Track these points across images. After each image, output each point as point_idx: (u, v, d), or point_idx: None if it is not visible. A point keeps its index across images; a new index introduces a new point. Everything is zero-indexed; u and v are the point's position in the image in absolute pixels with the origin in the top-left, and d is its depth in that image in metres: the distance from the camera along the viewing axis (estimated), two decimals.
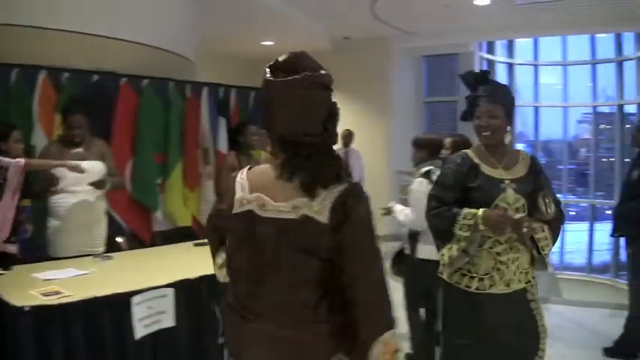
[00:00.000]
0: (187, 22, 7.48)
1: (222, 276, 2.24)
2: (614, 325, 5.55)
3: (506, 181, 3.13)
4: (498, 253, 3.10)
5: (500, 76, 11.31)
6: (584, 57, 11.15)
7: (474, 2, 7.89)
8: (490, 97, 3.15)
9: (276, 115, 1.96)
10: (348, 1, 8.08)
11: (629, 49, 10.10)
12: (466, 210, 3.06)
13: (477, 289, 3.12)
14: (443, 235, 3.15)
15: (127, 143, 6.18)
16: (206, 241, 4.87)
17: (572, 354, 3.58)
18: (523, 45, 11.76)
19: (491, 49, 11.26)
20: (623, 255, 6.85)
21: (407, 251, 4.76)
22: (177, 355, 3.72)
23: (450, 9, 8.16)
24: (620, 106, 9.73)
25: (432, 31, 9.55)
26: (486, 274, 3.12)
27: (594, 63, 10.75)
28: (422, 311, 4.86)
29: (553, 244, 3.16)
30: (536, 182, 3.17)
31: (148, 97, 6.37)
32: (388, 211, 4.89)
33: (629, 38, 10.20)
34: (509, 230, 2.98)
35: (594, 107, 10.50)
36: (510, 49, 11.66)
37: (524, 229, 2.97)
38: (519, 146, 12.65)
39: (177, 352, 3.70)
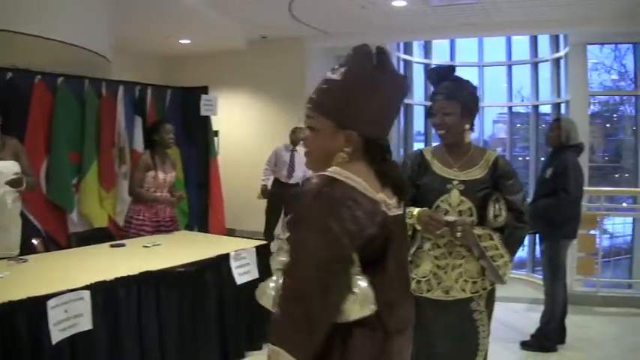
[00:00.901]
0: (103, 19, 7.79)
1: (359, 310, 1.81)
2: (531, 320, 6.03)
3: (455, 182, 3.19)
4: (436, 257, 3.18)
5: (417, 77, 11.82)
6: (500, 58, 11.94)
7: (391, 3, 8.49)
8: (446, 94, 3.20)
9: (376, 112, 1.94)
10: (265, 0, 8.39)
11: (544, 50, 11.01)
12: (411, 209, 3.15)
13: (413, 291, 3.12)
14: None
15: (41, 142, 6.45)
16: (122, 242, 5.16)
17: (490, 348, 3.98)
18: (440, 46, 12.46)
19: (408, 49, 11.90)
20: (538, 251, 7.30)
21: None
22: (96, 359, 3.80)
23: (366, 9, 8.73)
24: (536, 107, 10.71)
25: (349, 31, 9.97)
26: (424, 277, 3.20)
27: (510, 64, 11.48)
28: None
29: (510, 255, 3.17)
30: (494, 186, 3.20)
31: (63, 96, 6.68)
32: None
33: (544, 40, 11.20)
34: (438, 232, 3.06)
35: (510, 107, 11.54)
36: (427, 49, 12.29)
37: (458, 234, 3.03)
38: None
39: (96, 356, 3.76)
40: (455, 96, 3.18)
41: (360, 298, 1.79)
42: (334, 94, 1.92)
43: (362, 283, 1.80)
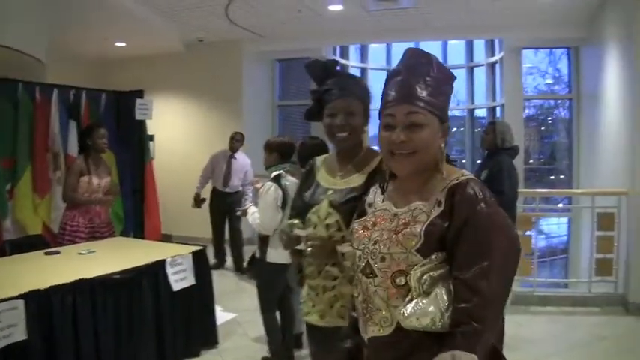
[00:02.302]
0: (37, 21, 7.71)
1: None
2: None
3: (330, 192, 2.82)
4: (307, 276, 2.88)
5: None
6: None
7: (328, 7, 8.64)
8: (346, 90, 2.80)
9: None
10: (201, 4, 8.52)
11: (479, 55, 11.19)
12: (289, 221, 2.97)
13: (301, 313, 2.99)
14: None
15: None
16: (57, 249, 5.17)
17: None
18: (376, 50, 12.51)
19: (344, 53, 11.97)
20: None
21: (257, 254, 5.07)
22: None
23: (303, 14, 8.84)
24: (471, 110, 10.91)
25: (286, 35, 10.06)
26: (303, 298, 2.95)
27: None
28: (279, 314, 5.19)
29: None
30: None
31: None
32: (244, 213, 5.28)
33: (479, 45, 11.35)
34: (292, 246, 2.85)
35: None
36: (363, 53, 12.34)
37: (307, 250, 2.75)
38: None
39: None
40: (355, 92, 2.83)
41: None
42: (427, 86, 1.96)
43: None
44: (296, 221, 2.90)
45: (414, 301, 1.79)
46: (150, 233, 7.84)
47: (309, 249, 2.75)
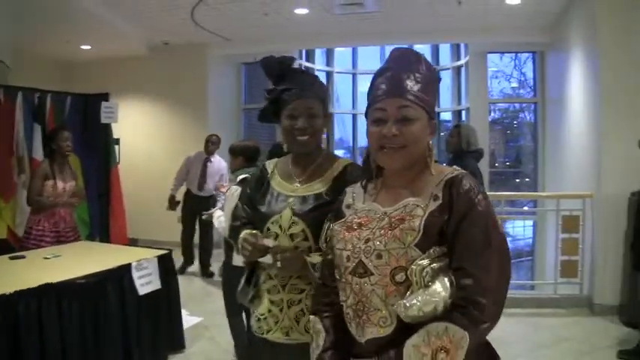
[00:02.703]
0: (1, 23, 7.66)
1: None
2: None
3: (291, 199, 2.62)
4: (269, 291, 2.64)
5: None
6: None
7: (294, 11, 8.68)
8: (307, 91, 2.62)
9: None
10: (167, 6, 8.50)
11: (444, 59, 11.25)
12: (243, 232, 2.64)
13: (255, 331, 2.70)
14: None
15: None
16: (22, 254, 5.12)
17: None
18: (342, 54, 12.56)
19: (310, 57, 11.97)
20: None
21: (223, 258, 5.08)
22: None
23: (269, 17, 8.85)
24: (437, 114, 10.77)
25: (252, 38, 10.05)
26: (262, 314, 2.66)
27: None
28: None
29: None
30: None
31: None
32: (210, 217, 5.18)
33: (445, 49, 11.42)
34: (263, 259, 2.54)
35: None
36: (329, 57, 12.37)
37: (277, 263, 2.47)
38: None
39: None
40: (316, 93, 2.65)
41: None
42: (417, 83, 1.97)
43: None
44: (256, 232, 2.60)
45: (415, 293, 1.79)
46: (116, 237, 7.80)
47: (278, 262, 2.46)
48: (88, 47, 10.50)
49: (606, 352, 5.55)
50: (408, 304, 1.77)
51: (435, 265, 1.79)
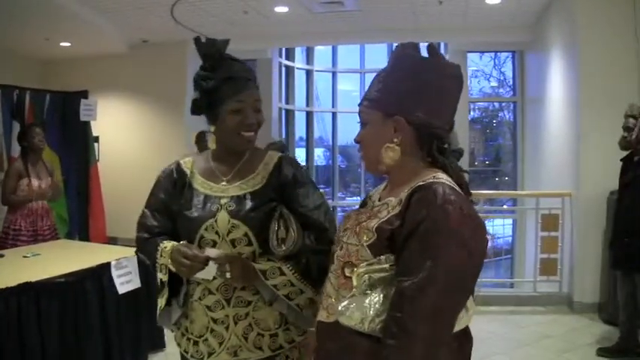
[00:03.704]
0: None
1: (467, 320, 1.94)
2: None
3: (223, 201, 2.34)
4: (209, 308, 2.33)
5: (299, 83, 11.97)
6: (381, 65, 12.05)
7: (274, 9, 8.66)
8: (250, 80, 2.36)
9: (426, 97, 1.84)
10: (146, 4, 8.34)
11: None
12: (164, 244, 2.35)
13: (192, 356, 2.42)
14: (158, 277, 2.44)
15: None
16: (1, 253, 5.12)
17: None
18: (322, 52, 12.57)
19: (290, 55, 11.97)
20: None
21: None
22: None
23: (249, 15, 8.81)
24: None
25: (232, 36, 9.84)
26: (200, 335, 2.36)
27: None
28: None
29: (314, 288, 2.32)
30: (282, 199, 2.39)
31: None
32: None
33: (424, 48, 11.33)
34: (200, 276, 2.21)
35: None
36: (309, 55, 12.37)
37: (227, 274, 2.19)
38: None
39: None
40: (255, 82, 2.41)
41: (470, 307, 1.88)
42: (379, 83, 1.88)
43: None
44: (168, 243, 2.33)
45: (350, 299, 1.75)
46: (95, 236, 7.79)
47: (228, 273, 2.17)
48: (68, 45, 10.35)
49: (586, 349, 5.58)
50: (340, 308, 1.76)
51: (376, 274, 1.72)
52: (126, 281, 4.91)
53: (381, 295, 1.70)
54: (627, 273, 5.30)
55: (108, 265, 4.80)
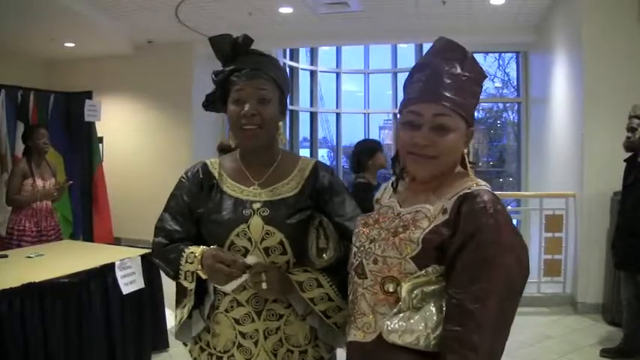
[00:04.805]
0: None
1: None
2: None
3: (256, 205, 2.17)
4: (237, 321, 2.16)
5: (303, 84, 11.96)
6: (385, 66, 12.12)
7: (278, 10, 8.68)
8: (259, 71, 2.18)
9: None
10: (151, 5, 8.35)
11: None
12: (190, 249, 2.16)
13: None
14: (177, 286, 2.28)
15: None
16: (5, 253, 5.08)
17: None
18: (326, 53, 12.57)
19: (294, 56, 11.97)
20: None
21: None
22: None
23: (253, 16, 8.82)
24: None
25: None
26: (226, 351, 2.19)
27: (395, 72, 11.71)
28: None
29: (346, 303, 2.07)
30: (317, 207, 2.24)
31: None
32: None
33: (428, 48, 11.30)
34: (235, 285, 2.04)
35: (395, 114, 11.68)
36: (313, 56, 12.38)
37: (263, 284, 2.01)
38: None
39: None
40: (271, 75, 2.20)
41: None
42: (456, 86, 1.75)
43: None
44: (197, 248, 2.15)
45: (400, 315, 1.65)
46: (102, 236, 7.79)
47: (264, 284, 2.00)
48: (72, 45, 10.37)
49: (589, 350, 5.58)
50: (389, 328, 1.66)
51: (427, 287, 1.65)
52: (130, 282, 4.91)
53: (434, 309, 1.63)
54: (631, 274, 5.29)
55: (112, 265, 4.81)
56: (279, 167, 2.26)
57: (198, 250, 2.11)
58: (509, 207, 9.96)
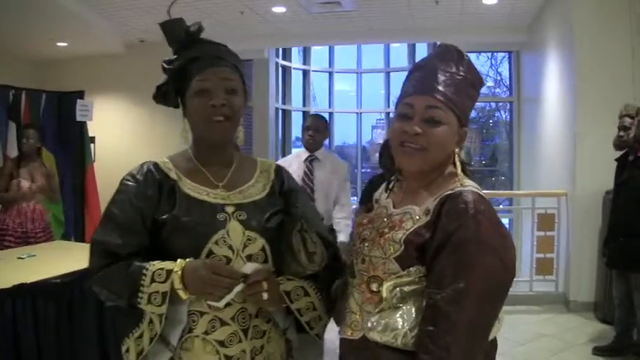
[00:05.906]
0: None
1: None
2: None
3: (229, 208, 1.95)
4: (222, 343, 1.87)
5: (296, 83, 11.96)
6: (378, 65, 12.13)
7: (271, 9, 8.68)
8: (222, 59, 2.02)
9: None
10: (143, 4, 8.31)
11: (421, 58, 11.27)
12: (156, 265, 1.84)
13: None
14: (122, 313, 1.93)
15: None
16: None
17: None
18: (318, 52, 12.56)
19: (287, 55, 11.95)
20: None
21: None
22: None
23: (246, 15, 8.81)
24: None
25: (229, 36, 9.89)
26: None
27: (388, 71, 11.72)
28: None
29: (329, 316, 2.00)
30: (288, 208, 2.08)
31: None
32: None
33: (421, 48, 11.46)
34: (227, 294, 1.78)
35: (388, 113, 11.77)
36: (306, 56, 12.37)
37: (265, 295, 1.81)
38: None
39: None
40: (234, 63, 2.04)
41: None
42: (451, 83, 1.77)
43: None
44: (170, 263, 1.84)
45: (380, 314, 1.68)
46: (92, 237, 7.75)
47: (265, 294, 1.80)
48: (64, 44, 10.31)
49: (581, 348, 5.59)
50: (369, 324, 1.70)
51: (407, 287, 1.66)
52: None
53: (413, 309, 1.66)
54: (622, 272, 5.31)
55: None
56: (240, 168, 2.09)
57: (172, 265, 1.82)
58: (500, 206, 10.02)
